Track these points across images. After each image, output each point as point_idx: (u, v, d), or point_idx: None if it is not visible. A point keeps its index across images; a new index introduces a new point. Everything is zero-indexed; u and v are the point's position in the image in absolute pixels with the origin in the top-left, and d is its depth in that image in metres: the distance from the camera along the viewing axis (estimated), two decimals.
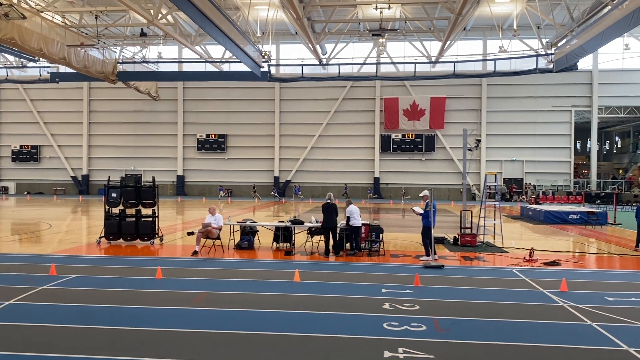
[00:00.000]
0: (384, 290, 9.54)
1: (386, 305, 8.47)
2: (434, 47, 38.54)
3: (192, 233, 14.33)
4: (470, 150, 17.16)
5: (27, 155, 49.34)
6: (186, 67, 43.24)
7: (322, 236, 14.76)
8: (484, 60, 40.06)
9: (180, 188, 47.45)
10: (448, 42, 33.81)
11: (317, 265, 12.31)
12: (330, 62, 38.37)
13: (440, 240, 16.20)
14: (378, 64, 39.55)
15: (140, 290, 9.30)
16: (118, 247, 14.96)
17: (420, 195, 13.23)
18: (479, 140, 18.58)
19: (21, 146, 49.40)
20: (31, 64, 38.77)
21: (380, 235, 14.20)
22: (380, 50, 36.04)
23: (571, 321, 7.80)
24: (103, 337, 6.69)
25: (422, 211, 12.98)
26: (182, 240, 16.63)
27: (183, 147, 47.85)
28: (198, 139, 47.42)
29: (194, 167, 48.04)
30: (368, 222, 14.61)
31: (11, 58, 38.99)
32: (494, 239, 16.99)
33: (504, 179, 44.46)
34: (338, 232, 13.81)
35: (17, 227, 20.45)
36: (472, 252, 14.64)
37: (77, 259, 12.88)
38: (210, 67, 39.06)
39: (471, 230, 16.13)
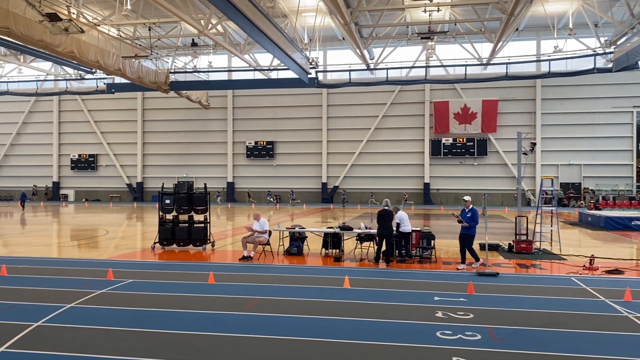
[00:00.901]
0: (436, 298, 9.31)
1: (439, 314, 8.25)
2: (485, 48, 37.67)
3: (248, 258, 13.89)
4: (525, 154, 16.60)
5: (85, 163, 51.46)
6: (235, 76, 44.04)
7: (371, 243, 14.62)
8: (538, 60, 38.86)
9: (231, 194, 48.25)
10: (500, 44, 32.98)
11: (366, 271, 12.16)
12: (378, 67, 38.15)
13: (495, 247, 15.71)
14: (427, 67, 39.02)
15: (194, 295, 9.44)
16: (172, 252, 15.29)
17: (464, 199, 12.77)
18: (534, 144, 17.96)
19: (79, 155, 51.59)
20: (89, 75, 40.46)
21: (432, 241, 13.90)
22: (429, 53, 35.57)
23: (636, 332, 7.35)
24: (158, 341, 6.80)
25: (458, 219, 12.53)
26: (233, 246, 16.84)
27: (233, 154, 48.71)
28: (247, 146, 48.16)
29: (243, 173, 48.78)
30: (419, 229, 14.34)
31: (70, 70, 40.82)
32: (551, 246, 16.33)
33: (560, 183, 42.89)
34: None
35: (76, 233, 21.29)
36: (528, 259, 14.11)
37: (133, 264, 13.24)
38: (258, 75, 39.63)
39: (527, 237, 15.57)
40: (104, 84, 41.58)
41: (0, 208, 39.00)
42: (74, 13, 24.52)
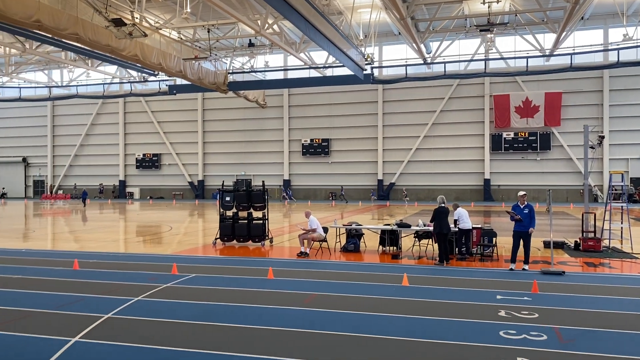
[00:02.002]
0: (498, 297, 9.05)
1: (502, 313, 8.02)
2: (547, 39, 36.24)
3: (305, 254, 13.96)
4: (592, 148, 15.84)
5: (149, 162, 53.50)
6: (291, 74, 44.44)
7: (430, 240, 14.39)
8: (606, 50, 36.96)
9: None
10: (564, 34, 31.60)
11: (425, 269, 11.99)
12: (435, 61, 37.46)
13: (560, 245, 15.11)
14: (486, 60, 37.93)
15: (254, 290, 9.62)
16: (232, 248, 15.65)
17: (519, 195, 12.11)
18: (602, 137, 17.10)
19: (144, 154, 53.68)
20: (151, 78, 41.97)
21: (494, 239, 13.52)
22: (488, 46, 34.58)
23: None
24: (221, 334, 6.98)
25: (517, 216, 11.70)
26: (290, 242, 17.03)
27: (289, 152, 49.24)
28: (303, 144, 48.55)
29: (299, 171, 49.23)
30: (479, 226, 13.99)
31: (134, 73, 42.49)
32: (622, 244, 15.51)
33: (631, 178, 40.65)
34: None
35: (141, 229, 22.18)
36: (596, 257, 13.48)
37: (196, 259, 13.65)
38: (314, 73, 39.84)
39: (595, 234, 14.87)
40: (166, 85, 43.06)
41: (72, 206, 41.17)
42: (137, 18, 25.49)
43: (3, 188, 57.68)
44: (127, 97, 49.22)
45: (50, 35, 25.17)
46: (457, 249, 13.44)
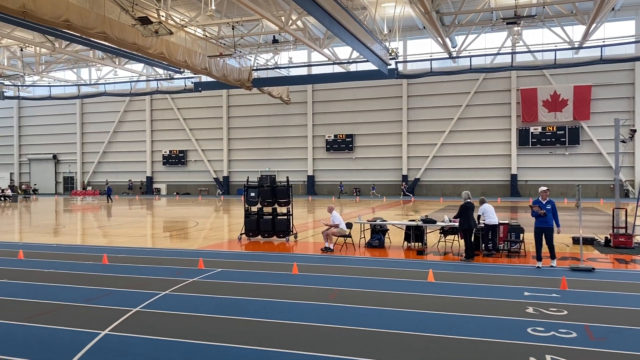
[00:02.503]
0: (526, 294, 8.92)
1: (530, 309, 7.90)
2: (576, 31, 35.43)
3: (329, 249, 13.99)
4: (623, 142, 15.44)
5: (176, 159, 54.19)
6: (315, 70, 44.46)
7: (456, 236, 14.25)
8: (638, 42, 35.93)
9: (311, 187, 48.89)
10: (593, 25, 30.82)
11: (451, 265, 11.89)
12: (460, 55, 36.98)
13: (589, 241, 14.81)
14: (513, 53, 37.30)
15: (279, 285, 9.67)
16: (257, 243, 15.77)
17: (541, 190, 11.71)
18: (634, 131, 16.63)
19: (170, 151, 54.38)
20: (177, 75, 42.45)
21: (521, 235, 13.32)
22: (515, 39, 33.93)
23: None
24: (247, 328, 7.04)
25: (542, 211, 11.33)
26: (314, 238, 17.07)
27: (312, 147, 49.28)
28: (326, 140, 48.52)
29: (323, 167, 49.23)
30: (506, 222, 13.80)
31: (160, 71, 43.03)
32: None
33: None
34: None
35: (168, 225, 22.50)
36: (627, 254, 13.17)
37: (221, 254, 13.79)
38: (338, 69, 39.74)
39: (626, 231, 14.52)
40: (192, 82, 43.50)
41: (101, 202, 41.99)
42: (163, 16, 25.78)
43: (34, 184, 59.14)
44: (153, 94, 49.91)
45: (78, 35, 25.63)
46: (483, 245, 13.28)
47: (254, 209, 16.61)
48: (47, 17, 19.06)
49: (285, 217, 16.15)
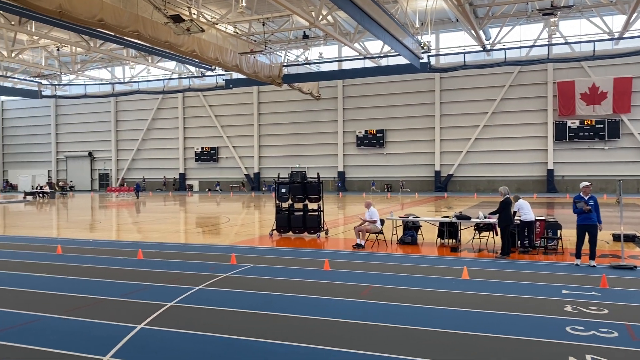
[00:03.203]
0: (564, 292, 8.66)
1: (568, 308, 7.65)
2: (616, 21, 34.26)
3: (360, 245, 13.78)
4: None
5: (208, 156, 54.86)
6: (345, 65, 44.22)
7: (490, 232, 13.96)
8: None
9: (342, 183, 48.78)
10: (634, 15, 29.75)
11: (486, 262, 11.65)
12: (495, 48, 36.21)
13: (631, 238, 14.30)
14: (550, 45, 36.32)
15: (311, 281, 9.64)
16: (288, 239, 15.78)
17: (583, 185, 11.08)
18: None
19: (202, 148, 55.08)
20: (209, 72, 42.89)
21: (558, 232, 12.95)
22: (551, 31, 33.02)
23: None
24: (279, 324, 7.03)
25: (587, 207, 10.74)
26: (345, 234, 16.99)
27: (343, 143, 49.14)
28: (357, 135, 48.33)
29: (353, 163, 49.07)
30: (543, 218, 13.43)
31: (192, 68, 43.57)
32: None
33: None
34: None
35: (201, 221, 22.76)
36: None
37: (253, 249, 13.86)
38: (368, 63, 39.46)
39: None
40: (223, 80, 43.90)
41: (135, 198, 42.82)
42: (194, 13, 26.06)
43: (71, 181, 60.77)
44: (185, 92, 50.58)
45: (112, 34, 26.13)
46: (519, 241, 12.97)
47: (285, 205, 16.63)
48: (83, 17, 19.48)
49: (316, 213, 16.12)
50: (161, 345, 6.22)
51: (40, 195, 44.62)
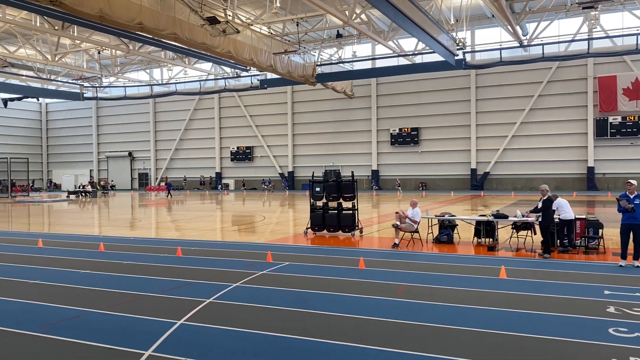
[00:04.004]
0: (606, 292, 8.44)
1: (611, 309, 7.47)
2: None
3: (395, 245, 13.81)
4: None
5: (243, 155, 55.53)
6: (379, 63, 44.05)
7: (529, 232, 13.71)
8: None
9: (375, 182, 48.60)
10: None
11: (524, 262, 11.45)
12: (532, 43, 35.41)
13: None
14: (590, 39, 35.30)
15: (346, 279, 9.68)
16: (322, 237, 15.86)
17: (628, 183, 10.64)
18: None
19: (238, 147, 55.78)
20: (244, 73, 43.41)
21: (600, 231, 12.61)
22: (592, 24, 32.09)
23: None
24: (315, 321, 7.10)
25: (630, 205, 10.37)
26: (379, 233, 16.96)
27: (377, 142, 48.95)
28: (391, 134, 48.05)
29: (387, 161, 48.82)
30: (584, 217, 13.11)
31: (227, 69, 44.18)
32: None
33: None
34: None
35: (236, 219, 23.09)
36: None
37: (288, 247, 13.99)
38: (402, 61, 39.18)
39: None
40: (257, 80, 44.36)
41: (174, 197, 43.72)
42: (230, 15, 26.42)
43: (112, 180, 62.46)
44: (221, 92, 51.30)
45: (151, 36, 26.75)
46: (558, 240, 12.70)
47: (320, 203, 16.71)
48: (122, 21, 20.01)
49: (351, 211, 16.14)
50: (201, 341, 6.38)
51: (83, 194, 46.04)
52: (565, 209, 12.37)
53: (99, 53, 38.46)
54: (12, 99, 53.37)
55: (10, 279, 10.10)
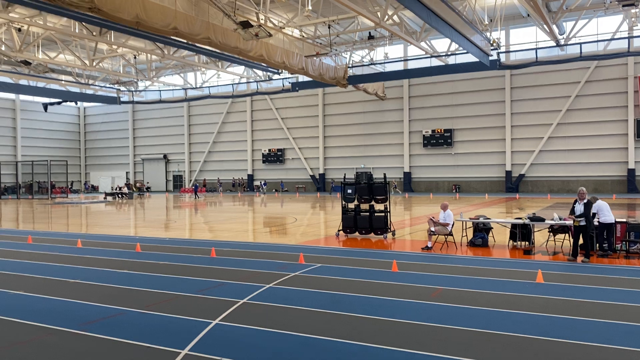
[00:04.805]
0: None
1: None
2: None
3: (428, 248, 13.54)
4: None
5: (274, 157, 55.91)
6: (411, 65, 43.70)
7: (566, 235, 13.39)
8: None
9: (407, 184, 48.25)
10: None
11: (562, 266, 11.18)
12: (569, 42, 34.59)
13: None
14: (630, 37, 34.25)
15: (379, 282, 9.64)
16: (354, 239, 15.83)
17: None
18: None
19: (269, 149, 56.20)
20: (275, 76, 43.75)
21: None
22: (632, 22, 31.15)
23: None
24: (349, 323, 7.09)
25: None
26: (411, 236, 16.82)
27: (409, 143, 48.57)
28: (424, 135, 47.61)
29: (420, 163, 48.39)
30: (624, 220, 12.72)
31: (259, 72, 44.59)
32: None
33: None
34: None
35: (268, 221, 23.24)
36: None
37: (320, 249, 14.01)
38: (435, 62, 38.82)
39: None
40: (289, 83, 44.62)
41: (207, 198, 44.34)
42: (262, 19, 26.67)
43: (147, 182, 63.75)
44: (253, 95, 51.78)
45: (185, 41, 27.22)
46: (597, 244, 12.35)
47: (351, 205, 16.68)
48: (158, 26, 20.43)
49: (383, 214, 16.06)
50: (235, 340, 6.45)
51: (119, 195, 47.13)
52: (605, 212, 12.03)
53: (135, 58, 39.37)
54: (52, 104, 55.07)
55: (52, 278, 10.41)
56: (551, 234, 13.71)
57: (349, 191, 16.66)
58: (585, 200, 11.58)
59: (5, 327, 7.15)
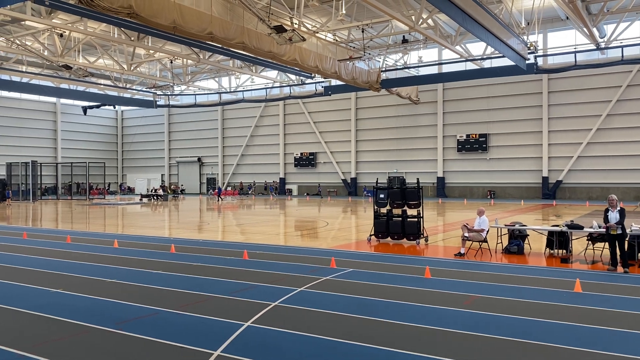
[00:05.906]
0: None
1: None
2: None
3: (461, 254, 13.36)
4: None
5: (306, 161, 56.07)
6: (446, 68, 43.24)
7: (606, 243, 12.96)
8: None
9: (441, 189, 47.67)
10: None
11: (601, 275, 10.84)
12: (610, 45, 33.61)
13: None
14: None
15: (411, 288, 9.54)
16: (386, 244, 15.71)
17: None
18: None
19: (301, 153, 56.38)
20: (308, 80, 43.88)
21: None
22: None
23: None
24: (380, 329, 7.03)
25: None
26: (444, 242, 16.59)
27: (443, 148, 48.00)
28: (458, 140, 46.97)
29: (454, 168, 47.74)
30: None
31: (292, 77, 44.82)
32: None
33: None
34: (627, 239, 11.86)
35: (300, 224, 23.30)
36: None
37: (352, 254, 13.96)
38: (470, 66, 38.30)
39: None
40: (322, 87, 44.70)
41: (239, 201, 44.75)
42: (296, 23, 26.81)
43: (182, 185, 64.80)
44: (286, 99, 52.10)
45: (220, 45, 27.57)
46: (639, 254, 11.92)
47: (384, 210, 16.57)
48: (194, 31, 20.76)
49: (416, 219, 15.90)
50: (267, 342, 6.48)
51: (155, 197, 48.04)
52: None
53: (171, 62, 40.14)
54: (91, 107, 56.60)
55: (89, 277, 10.68)
56: (590, 242, 13.32)
57: (382, 196, 16.55)
58: (618, 208, 11.24)
59: (44, 323, 7.37)
